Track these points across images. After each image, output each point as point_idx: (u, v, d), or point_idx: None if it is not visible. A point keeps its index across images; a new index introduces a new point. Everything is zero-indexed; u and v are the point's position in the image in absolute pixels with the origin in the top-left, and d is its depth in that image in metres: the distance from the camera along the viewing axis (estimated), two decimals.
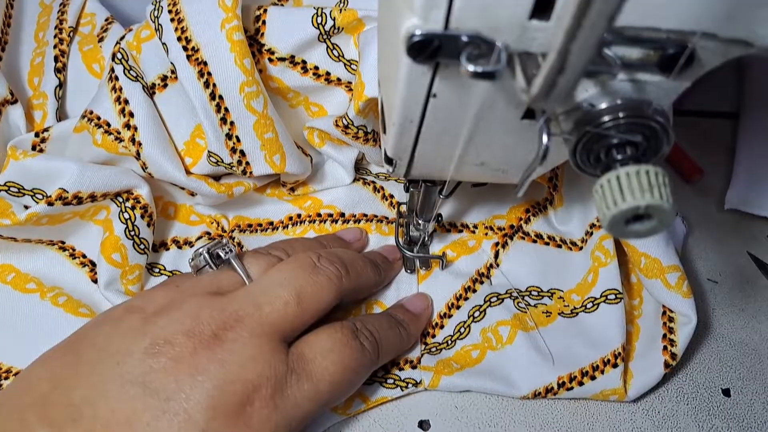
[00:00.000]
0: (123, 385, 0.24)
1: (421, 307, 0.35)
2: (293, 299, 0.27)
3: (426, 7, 0.18)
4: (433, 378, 0.33)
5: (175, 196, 0.40)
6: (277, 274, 0.29)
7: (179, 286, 0.28)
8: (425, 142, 0.25)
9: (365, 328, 0.30)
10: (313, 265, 0.30)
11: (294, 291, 0.28)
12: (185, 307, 0.26)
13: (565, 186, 0.40)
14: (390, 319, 0.33)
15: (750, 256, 0.41)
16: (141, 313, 0.27)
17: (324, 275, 0.29)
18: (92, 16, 0.42)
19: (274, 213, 0.40)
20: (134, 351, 0.25)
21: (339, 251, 0.33)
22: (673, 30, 0.19)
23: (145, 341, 0.25)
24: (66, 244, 0.37)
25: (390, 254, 0.37)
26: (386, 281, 0.37)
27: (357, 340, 0.29)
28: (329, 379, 0.27)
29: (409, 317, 0.34)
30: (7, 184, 0.34)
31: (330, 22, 0.33)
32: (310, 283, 0.28)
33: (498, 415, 0.33)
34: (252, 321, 0.26)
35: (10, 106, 0.38)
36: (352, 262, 0.32)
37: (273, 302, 0.27)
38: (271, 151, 0.35)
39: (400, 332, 0.32)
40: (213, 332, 0.26)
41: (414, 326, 0.34)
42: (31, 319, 0.34)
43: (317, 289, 0.29)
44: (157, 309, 0.27)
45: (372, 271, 0.34)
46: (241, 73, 0.33)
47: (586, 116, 0.19)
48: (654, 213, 0.18)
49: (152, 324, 0.26)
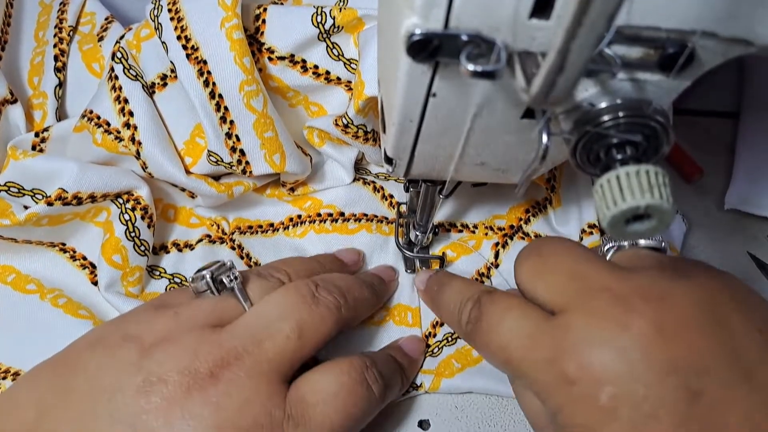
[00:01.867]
0: (112, 425, 0.23)
1: (419, 351, 0.34)
2: (294, 333, 0.26)
3: (426, 5, 0.18)
4: (434, 381, 0.33)
5: (175, 199, 0.40)
6: (276, 306, 0.28)
7: (178, 313, 0.27)
8: (425, 142, 0.25)
9: (375, 367, 0.28)
10: (313, 295, 0.28)
11: (295, 324, 0.27)
12: (183, 342, 0.25)
13: (562, 188, 0.40)
14: (393, 362, 0.31)
15: (750, 256, 0.41)
16: (138, 343, 0.26)
17: (324, 306, 0.28)
18: (92, 16, 0.42)
19: (274, 214, 0.40)
20: (126, 388, 0.24)
21: (336, 278, 0.32)
22: (673, 29, 0.19)
23: (138, 377, 0.24)
24: (67, 245, 0.37)
25: (385, 275, 0.36)
26: (382, 302, 0.36)
27: (365, 383, 0.27)
28: (329, 427, 0.25)
29: (407, 361, 0.33)
30: (7, 184, 0.34)
31: (330, 21, 0.33)
32: (310, 314, 0.27)
33: (498, 415, 0.33)
34: (251, 359, 0.25)
35: (10, 106, 0.38)
36: (350, 289, 0.31)
37: (273, 337, 0.26)
38: (271, 150, 0.35)
39: (400, 378, 0.31)
40: (210, 370, 0.24)
41: (410, 371, 0.33)
42: (31, 319, 0.34)
43: (318, 321, 0.28)
44: (155, 341, 0.26)
45: (370, 294, 0.33)
46: (241, 71, 0.33)
47: (586, 116, 0.19)
48: (654, 213, 0.18)
49: (148, 358, 0.25)
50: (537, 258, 0.26)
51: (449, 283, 0.32)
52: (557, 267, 0.25)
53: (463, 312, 0.28)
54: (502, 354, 0.24)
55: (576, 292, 0.23)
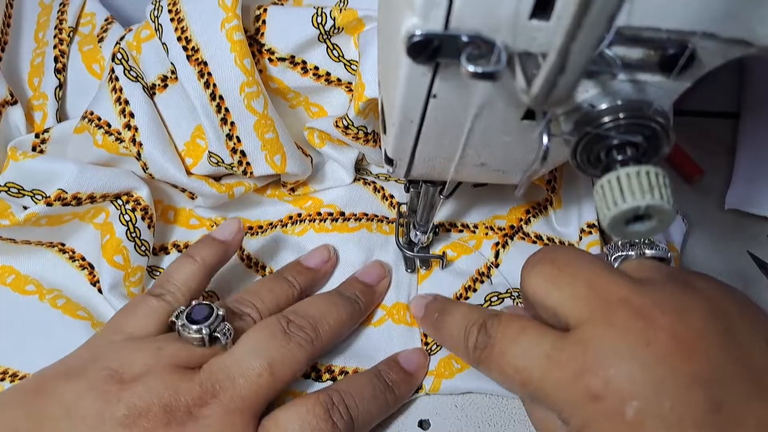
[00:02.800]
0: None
1: (419, 364, 0.33)
2: (266, 370, 0.28)
3: (426, 6, 0.18)
4: (434, 382, 0.33)
5: (175, 200, 0.40)
6: (249, 344, 0.29)
7: (161, 349, 0.28)
8: (425, 143, 0.25)
9: (342, 402, 0.29)
10: (284, 332, 0.29)
11: (266, 361, 0.28)
12: (163, 379, 0.26)
13: (562, 189, 0.40)
14: (377, 385, 0.31)
15: (750, 256, 0.41)
16: (118, 376, 0.26)
17: (295, 343, 0.29)
18: (92, 16, 0.42)
19: (274, 214, 0.40)
20: (107, 419, 0.25)
21: (310, 306, 0.32)
22: (673, 30, 0.19)
23: (120, 410, 0.25)
24: (66, 246, 0.37)
25: (371, 277, 0.36)
26: (369, 311, 0.35)
27: (330, 421, 0.27)
28: None
29: (402, 377, 0.32)
30: (7, 184, 0.34)
31: (330, 22, 0.33)
32: (281, 352, 0.29)
33: (498, 415, 0.33)
34: (226, 397, 0.26)
35: (10, 107, 0.38)
36: (323, 317, 0.31)
37: (246, 375, 0.27)
38: (272, 151, 0.35)
39: (386, 399, 0.31)
40: (188, 408, 0.26)
41: (405, 387, 0.32)
42: (30, 320, 0.34)
43: (289, 358, 0.29)
44: (136, 375, 0.26)
45: (350, 312, 0.33)
46: (242, 73, 0.33)
47: (587, 117, 0.19)
48: (654, 213, 0.18)
49: (128, 390, 0.25)
50: (551, 266, 0.26)
51: (450, 309, 0.31)
52: (573, 276, 0.25)
53: (469, 338, 0.28)
54: (520, 376, 0.24)
55: (594, 304, 0.23)
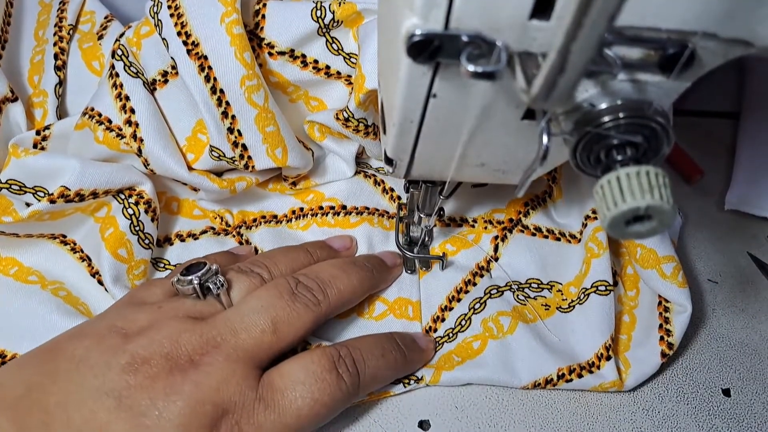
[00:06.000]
0: (99, 396, 0.24)
1: (428, 346, 0.34)
2: (269, 327, 0.28)
3: (426, 6, 0.18)
4: (434, 374, 0.33)
5: (178, 192, 0.40)
6: (255, 301, 0.29)
7: (162, 307, 0.29)
8: (425, 143, 0.25)
9: (349, 356, 0.29)
10: (291, 292, 0.30)
11: (270, 319, 0.28)
12: (166, 331, 0.27)
13: (563, 178, 0.40)
14: (387, 344, 0.31)
15: (750, 256, 0.41)
16: (123, 331, 0.27)
17: (301, 302, 0.29)
18: (92, 14, 0.42)
19: (276, 207, 0.40)
20: (113, 366, 0.25)
21: (323, 268, 0.32)
22: (673, 30, 0.19)
23: (124, 358, 0.26)
24: (67, 238, 0.37)
25: (389, 260, 0.37)
26: (381, 286, 0.36)
27: (334, 372, 0.28)
28: (296, 413, 0.27)
29: (413, 346, 0.33)
30: (8, 181, 0.34)
31: (329, 16, 0.33)
32: (286, 311, 0.29)
33: (498, 415, 0.33)
34: (228, 347, 0.27)
35: (11, 104, 0.38)
36: (334, 280, 0.32)
37: (249, 330, 0.28)
38: (273, 144, 0.35)
39: (395, 359, 0.31)
40: (189, 356, 0.26)
41: (415, 355, 0.33)
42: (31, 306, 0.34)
43: (294, 318, 0.29)
44: (139, 329, 0.27)
45: (362, 279, 0.33)
46: (242, 66, 0.33)
47: (587, 116, 0.19)
48: (654, 214, 0.18)
49: (132, 342, 0.26)
50: None
51: None
52: None
53: None
54: None
55: None
